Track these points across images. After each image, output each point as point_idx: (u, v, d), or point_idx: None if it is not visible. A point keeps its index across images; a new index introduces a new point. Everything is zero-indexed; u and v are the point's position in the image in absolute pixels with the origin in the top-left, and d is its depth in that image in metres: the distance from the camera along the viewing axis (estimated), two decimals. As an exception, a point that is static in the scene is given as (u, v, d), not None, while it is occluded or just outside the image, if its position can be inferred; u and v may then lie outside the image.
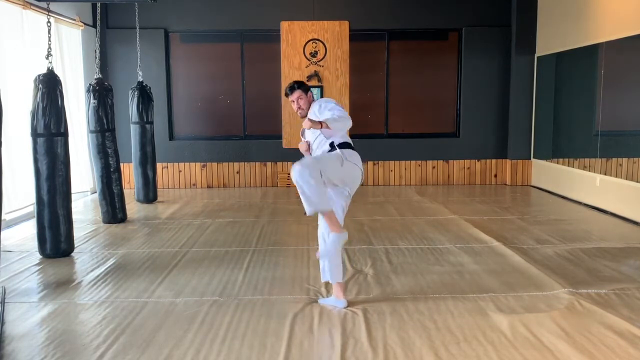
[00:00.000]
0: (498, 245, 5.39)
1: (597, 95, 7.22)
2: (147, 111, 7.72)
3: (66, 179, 5.03)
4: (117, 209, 6.52)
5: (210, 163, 9.36)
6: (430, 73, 9.46)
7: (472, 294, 4.07)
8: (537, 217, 6.78)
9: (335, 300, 3.85)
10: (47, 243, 5.02)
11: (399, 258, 5.02)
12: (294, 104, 3.90)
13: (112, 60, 9.06)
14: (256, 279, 4.47)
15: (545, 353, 3.12)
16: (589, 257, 4.98)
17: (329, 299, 3.92)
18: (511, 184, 9.31)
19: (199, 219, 6.77)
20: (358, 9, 9.10)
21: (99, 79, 6.38)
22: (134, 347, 3.23)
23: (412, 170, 9.48)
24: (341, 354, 3.13)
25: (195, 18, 9.14)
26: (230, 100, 9.40)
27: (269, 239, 5.78)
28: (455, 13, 9.21)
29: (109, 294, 4.15)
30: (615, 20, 6.80)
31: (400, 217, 6.78)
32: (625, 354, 3.10)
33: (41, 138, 4.87)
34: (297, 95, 3.88)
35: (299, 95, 3.88)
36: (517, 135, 9.23)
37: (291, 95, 3.90)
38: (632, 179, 6.55)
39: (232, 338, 3.35)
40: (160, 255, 5.20)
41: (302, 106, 3.89)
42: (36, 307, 3.89)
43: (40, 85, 4.87)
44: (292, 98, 3.90)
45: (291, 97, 3.90)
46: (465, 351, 3.15)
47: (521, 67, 9.05)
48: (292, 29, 8.52)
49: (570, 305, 3.80)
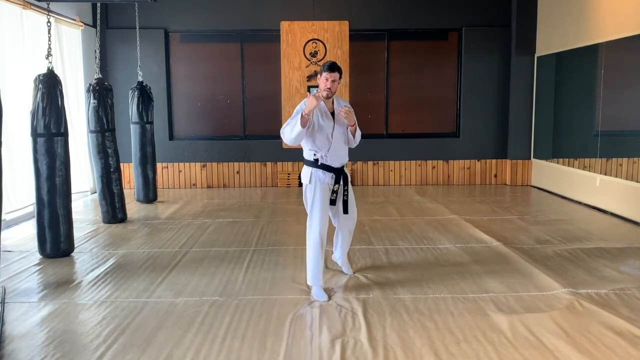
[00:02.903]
0: (498, 245, 5.39)
1: (597, 95, 7.22)
2: (147, 111, 7.71)
3: (66, 179, 5.02)
4: (117, 209, 6.52)
5: (210, 163, 9.36)
6: (430, 73, 9.46)
7: (472, 294, 4.07)
8: (537, 217, 6.78)
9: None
10: (47, 243, 5.02)
11: (399, 258, 5.02)
12: (327, 82, 3.87)
13: (112, 60, 9.06)
14: (256, 279, 4.47)
15: (545, 353, 3.12)
16: (589, 257, 4.98)
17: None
18: (511, 184, 9.31)
19: (199, 219, 6.77)
20: (358, 9, 9.10)
21: (99, 79, 6.38)
22: (134, 347, 3.23)
23: (412, 170, 9.48)
24: (341, 354, 3.13)
25: (195, 18, 9.14)
26: (230, 100, 9.40)
27: (269, 239, 5.78)
28: (455, 13, 9.21)
29: (109, 294, 4.15)
30: (615, 20, 6.80)
31: (400, 217, 6.78)
32: (625, 354, 3.10)
33: (41, 138, 4.87)
34: (334, 77, 3.88)
35: (336, 78, 3.89)
36: (517, 135, 9.23)
37: (330, 73, 3.86)
38: (632, 179, 6.55)
39: (232, 338, 3.35)
40: (160, 255, 5.20)
41: (331, 88, 3.89)
42: (36, 307, 3.89)
43: (40, 85, 4.87)
44: (330, 77, 3.86)
45: (330, 75, 3.86)
46: (465, 351, 3.15)
47: (521, 67, 9.05)
48: (292, 29, 8.52)
49: (570, 305, 3.80)
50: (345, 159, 4.11)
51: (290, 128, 3.86)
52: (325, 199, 3.97)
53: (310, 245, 4.01)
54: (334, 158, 4.00)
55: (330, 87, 3.88)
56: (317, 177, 3.98)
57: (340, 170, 4.04)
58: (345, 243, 4.43)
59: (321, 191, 3.97)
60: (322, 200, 3.96)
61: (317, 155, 3.97)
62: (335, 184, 4.00)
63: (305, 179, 4.02)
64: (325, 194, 3.98)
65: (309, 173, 4.00)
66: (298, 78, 8.55)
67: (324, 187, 3.98)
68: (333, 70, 3.88)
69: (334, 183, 4.01)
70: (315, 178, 3.98)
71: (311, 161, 4.00)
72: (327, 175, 4.00)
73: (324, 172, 3.99)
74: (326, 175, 4.00)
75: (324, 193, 3.97)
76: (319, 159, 3.98)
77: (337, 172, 4.02)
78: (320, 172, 3.99)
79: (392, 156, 9.41)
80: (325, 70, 3.89)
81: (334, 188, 3.99)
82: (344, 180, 4.07)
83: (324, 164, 3.98)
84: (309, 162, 4.02)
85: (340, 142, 4.02)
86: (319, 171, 3.99)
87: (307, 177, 4.01)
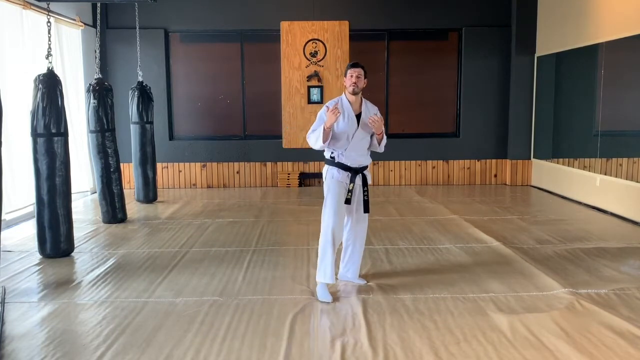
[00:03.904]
0: (498, 245, 5.39)
1: (597, 95, 7.22)
2: (147, 111, 7.71)
3: (66, 179, 5.02)
4: (117, 209, 6.52)
5: (210, 163, 9.36)
6: (430, 73, 9.46)
7: (472, 294, 4.07)
8: (537, 217, 6.78)
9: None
10: (47, 243, 5.02)
11: (399, 258, 5.02)
12: (352, 77, 3.99)
13: (112, 60, 9.06)
14: (256, 279, 4.47)
15: (545, 353, 3.12)
16: (589, 257, 4.98)
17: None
18: (511, 184, 9.31)
19: (199, 219, 6.77)
20: (358, 9, 9.10)
21: (99, 79, 6.38)
22: (134, 347, 3.23)
23: (412, 170, 9.48)
24: (341, 354, 3.13)
25: (195, 18, 9.14)
26: (230, 100, 9.40)
27: (269, 239, 5.78)
28: (455, 13, 9.21)
29: (109, 294, 4.15)
30: (615, 20, 6.80)
31: (400, 217, 6.78)
32: (625, 354, 3.10)
33: (41, 138, 4.87)
34: (359, 72, 4.00)
35: (360, 73, 4.01)
36: (517, 135, 9.23)
37: (354, 69, 4.00)
38: (632, 179, 6.55)
39: (232, 338, 3.35)
40: (160, 255, 5.20)
41: (357, 83, 4.00)
42: (36, 307, 3.89)
43: (40, 85, 4.87)
44: (355, 73, 3.98)
45: (354, 70, 3.99)
46: (465, 351, 3.15)
47: (521, 67, 9.05)
48: (292, 29, 8.51)
49: (570, 305, 3.80)
50: (365, 161, 4.13)
51: (315, 138, 4.01)
52: (340, 196, 4.00)
53: (322, 241, 3.99)
54: (351, 158, 4.04)
55: (356, 82, 3.98)
56: (332, 175, 4.05)
57: (357, 170, 4.07)
58: (356, 251, 4.27)
59: (336, 189, 4.01)
60: (337, 198, 3.99)
61: (335, 154, 4.04)
62: (351, 182, 4.03)
63: (324, 176, 4.13)
64: (340, 192, 4.01)
65: (327, 170, 4.10)
66: (298, 78, 8.55)
67: (339, 185, 4.02)
68: (357, 66, 4.02)
69: (349, 182, 4.04)
70: (331, 175, 4.05)
71: (328, 159, 4.09)
72: (342, 174, 4.04)
73: (339, 170, 4.04)
74: (341, 174, 4.03)
75: (339, 191, 4.01)
76: (335, 157, 4.05)
77: (353, 172, 4.05)
78: (335, 170, 4.04)
79: (392, 156, 9.38)
80: (349, 67, 4.03)
81: (349, 187, 4.03)
82: (363, 181, 4.11)
83: (340, 162, 4.04)
84: (327, 160, 4.10)
85: (359, 145, 4.07)
86: (334, 169, 4.05)
87: (325, 173, 4.12)
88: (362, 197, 4.12)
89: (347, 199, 4.03)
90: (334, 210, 3.97)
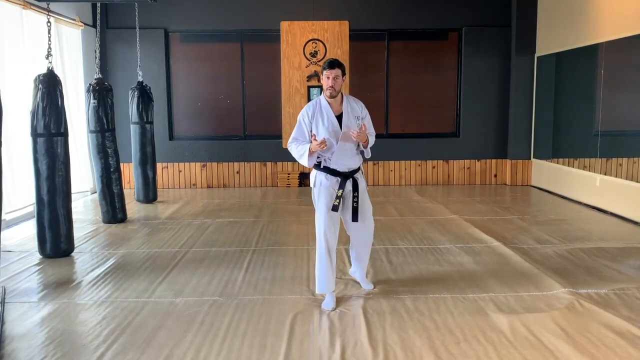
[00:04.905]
0: (498, 245, 5.39)
1: (597, 95, 7.22)
2: (147, 111, 7.71)
3: (66, 179, 5.02)
4: (117, 209, 6.52)
5: (210, 163, 9.36)
6: (430, 73, 9.46)
7: (472, 294, 4.07)
8: (537, 217, 6.78)
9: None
10: (47, 243, 5.02)
11: (399, 258, 5.02)
12: (328, 80, 3.75)
13: (112, 60, 9.06)
14: (256, 279, 4.47)
15: (545, 353, 3.12)
16: (589, 257, 4.98)
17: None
18: (511, 184, 9.31)
19: (199, 219, 6.77)
20: (358, 9, 9.10)
21: (99, 79, 6.38)
22: (134, 347, 3.23)
23: (412, 170, 9.48)
24: (341, 354, 3.13)
25: (195, 18, 9.14)
26: (230, 100, 9.40)
27: (269, 239, 5.78)
28: (455, 13, 9.21)
29: (109, 294, 4.15)
30: (615, 20, 6.80)
31: (400, 217, 6.78)
32: (625, 354, 3.10)
33: (41, 138, 4.87)
34: (335, 74, 3.75)
35: (337, 74, 3.76)
36: (517, 135, 9.23)
37: (330, 70, 3.74)
38: (632, 179, 6.55)
39: (232, 338, 3.35)
40: (160, 255, 5.20)
41: (334, 86, 3.76)
42: (36, 307, 3.89)
43: (40, 85, 4.87)
44: (330, 74, 3.74)
45: (330, 72, 3.74)
46: (465, 351, 3.15)
47: (521, 67, 9.05)
48: (292, 29, 8.52)
49: (570, 305, 3.80)
50: (354, 164, 3.88)
51: (299, 155, 3.82)
52: (330, 204, 3.80)
53: (317, 252, 3.86)
54: (339, 163, 3.81)
55: (333, 85, 3.75)
56: (320, 181, 3.84)
57: (347, 175, 3.83)
58: (361, 257, 4.15)
59: (325, 195, 3.81)
60: (327, 206, 3.80)
61: (321, 158, 3.84)
62: (340, 189, 3.79)
63: (312, 182, 3.91)
64: (330, 200, 3.80)
65: (314, 176, 3.89)
66: (298, 78, 8.55)
67: (327, 191, 3.81)
68: (333, 67, 3.74)
69: (338, 188, 3.80)
70: (319, 182, 3.84)
71: (315, 164, 3.87)
72: (330, 180, 3.81)
73: (327, 175, 3.81)
74: (329, 180, 3.81)
75: (327, 197, 3.81)
76: (322, 162, 3.84)
77: (343, 177, 3.82)
78: (323, 175, 3.82)
79: (392, 156, 9.41)
80: (324, 68, 3.77)
81: (337, 193, 3.79)
82: (354, 187, 3.84)
83: (328, 167, 3.83)
84: (314, 164, 3.88)
85: (346, 147, 3.81)
86: (322, 174, 3.82)
87: (312, 179, 3.91)
88: (352, 203, 3.85)
89: (335, 205, 3.76)
90: (324, 220, 3.78)
